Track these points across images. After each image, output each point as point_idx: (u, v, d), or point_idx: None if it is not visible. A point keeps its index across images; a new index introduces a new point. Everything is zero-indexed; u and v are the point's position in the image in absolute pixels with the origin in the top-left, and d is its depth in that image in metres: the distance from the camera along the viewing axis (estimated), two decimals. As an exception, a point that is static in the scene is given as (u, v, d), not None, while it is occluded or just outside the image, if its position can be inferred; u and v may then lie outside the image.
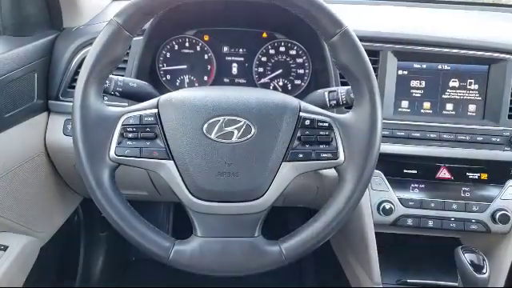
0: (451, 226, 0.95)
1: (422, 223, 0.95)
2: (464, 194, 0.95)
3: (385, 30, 0.94)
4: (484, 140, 0.92)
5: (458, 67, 0.94)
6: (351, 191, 0.65)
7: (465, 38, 0.93)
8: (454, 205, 0.94)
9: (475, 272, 0.79)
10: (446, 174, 0.95)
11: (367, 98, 0.66)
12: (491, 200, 0.94)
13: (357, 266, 1.08)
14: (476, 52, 0.93)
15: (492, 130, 0.92)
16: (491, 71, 0.93)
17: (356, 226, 0.98)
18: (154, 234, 0.65)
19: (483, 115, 0.94)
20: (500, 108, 0.92)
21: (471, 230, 0.95)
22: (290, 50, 1.00)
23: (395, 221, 0.95)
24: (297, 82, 1.01)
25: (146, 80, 0.85)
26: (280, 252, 0.65)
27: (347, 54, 0.65)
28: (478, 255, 0.82)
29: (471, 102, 0.94)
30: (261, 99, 0.67)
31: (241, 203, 0.65)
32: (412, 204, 0.94)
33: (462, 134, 0.92)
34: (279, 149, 0.65)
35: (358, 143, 0.66)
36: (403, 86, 0.94)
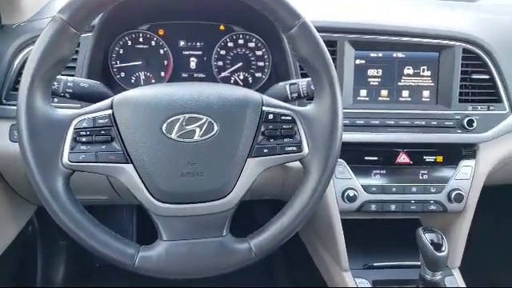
0: (412, 208, 0.99)
1: (385, 207, 0.98)
2: (422, 177, 0.99)
3: (341, 20, 0.95)
4: (438, 124, 0.96)
5: (412, 55, 0.97)
6: (316, 182, 0.65)
7: (417, 26, 0.97)
8: (413, 188, 0.98)
9: (435, 251, 0.83)
10: (405, 159, 0.98)
11: (327, 89, 0.66)
12: (447, 181, 0.99)
13: (325, 253, 1.10)
14: (427, 40, 0.96)
15: (445, 114, 0.96)
16: (441, 58, 0.97)
17: (322, 215, 1.00)
18: (117, 242, 0.63)
19: (436, 100, 0.98)
20: (451, 93, 0.96)
21: (430, 210, 0.99)
22: (248, 42, 0.99)
23: (359, 207, 0.97)
24: (258, 75, 1.00)
25: (98, 79, 0.81)
26: (249, 249, 0.65)
27: (306, 46, 0.65)
28: (437, 234, 0.86)
29: (425, 88, 0.97)
30: (222, 95, 0.65)
31: (207, 203, 0.64)
32: (374, 190, 0.97)
33: (418, 119, 0.96)
34: (244, 145, 0.64)
35: (321, 135, 0.66)
36: (361, 75, 0.96)
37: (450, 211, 1.00)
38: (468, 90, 0.97)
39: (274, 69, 1.00)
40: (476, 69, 0.97)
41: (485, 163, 1.00)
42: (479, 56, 0.96)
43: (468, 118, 0.95)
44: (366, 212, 0.98)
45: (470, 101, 0.97)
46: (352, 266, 1.00)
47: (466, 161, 0.99)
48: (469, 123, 0.95)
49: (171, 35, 0.97)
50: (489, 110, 0.97)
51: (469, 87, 0.97)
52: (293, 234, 0.66)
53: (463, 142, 0.97)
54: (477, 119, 0.95)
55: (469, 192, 0.99)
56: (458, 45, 0.96)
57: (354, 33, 0.94)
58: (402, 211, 0.99)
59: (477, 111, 0.97)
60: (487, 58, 0.97)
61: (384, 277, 0.99)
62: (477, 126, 0.95)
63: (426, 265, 0.86)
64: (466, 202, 0.99)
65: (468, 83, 0.97)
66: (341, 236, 1.00)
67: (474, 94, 0.97)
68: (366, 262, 1.02)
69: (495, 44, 0.97)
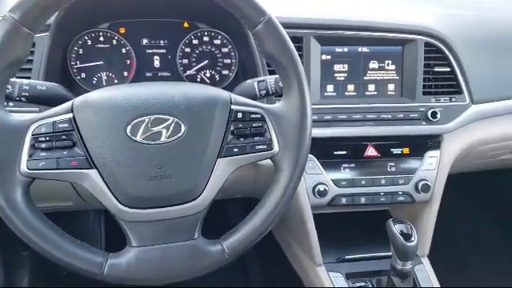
0: (381, 200, 1.01)
1: (355, 200, 0.99)
2: (390, 169, 1.01)
3: (307, 16, 0.95)
4: (404, 117, 0.98)
5: (376, 49, 0.98)
6: (288, 180, 0.65)
7: (381, 21, 0.98)
8: (382, 180, 1.00)
9: (405, 241, 0.85)
10: (373, 152, 0.99)
11: (295, 86, 0.66)
12: (413, 172, 1.01)
13: (298, 249, 1.10)
14: (391, 34, 0.98)
15: (410, 107, 0.98)
16: (405, 52, 0.99)
17: (294, 211, 1.00)
18: (83, 251, 0.60)
19: (401, 93, 1.00)
20: (415, 86, 0.98)
21: (399, 201, 1.01)
22: (214, 39, 0.97)
23: (330, 201, 0.98)
24: (224, 73, 0.99)
25: (57, 81, 0.77)
26: (222, 250, 0.64)
27: (272, 43, 0.65)
28: (407, 225, 0.88)
29: (390, 81, 0.99)
30: (189, 94, 0.64)
31: (177, 206, 0.62)
32: (344, 183, 0.98)
33: (384, 112, 0.97)
34: (213, 145, 0.63)
35: (291, 132, 0.66)
36: (327, 70, 0.96)
37: (418, 201, 1.02)
38: (431, 83, 0.99)
39: (241, 66, 0.99)
40: (438, 62, 0.99)
41: (449, 153, 1.03)
42: (440, 49, 0.99)
43: (432, 109, 0.97)
44: (337, 206, 0.99)
45: (433, 93, 1.00)
46: (325, 260, 1.01)
47: (431, 152, 1.01)
48: (433, 115, 0.97)
49: (133, 33, 0.94)
50: (451, 102, 1.00)
51: (432, 80, 0.99)
52: (266, 233, 0.66)
53: (428, 133, 1.00)
54: (440, 111, 0.97)
55: (435, 182, 1.02)
56: (420, 39, 0.98)
57: (319, 28, 0.94)
58: (371, 203, 1.01)
59: (440, 103, 0.99)
60: (448, 51, 0.99)
61: (357, 269, 1.00)
62: (440, 118, 0.98)
63: (396, 255, 0.88)
64: (433, 192, 1.02)
65: (431, 76, 0.99)
66: (313, 231, 1.00)
67: (437, 86, 1.00)
68: (338, 256, 1.03)
69: (455, 38, 1.00)
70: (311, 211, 0.99)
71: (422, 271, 1.01)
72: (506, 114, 1.08)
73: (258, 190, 1.06)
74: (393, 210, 1.15)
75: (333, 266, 1.01)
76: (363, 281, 0.99)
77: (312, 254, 1.01)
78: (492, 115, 1.06)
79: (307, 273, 1.04)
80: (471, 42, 1.04)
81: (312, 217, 0.99)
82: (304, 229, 1.01)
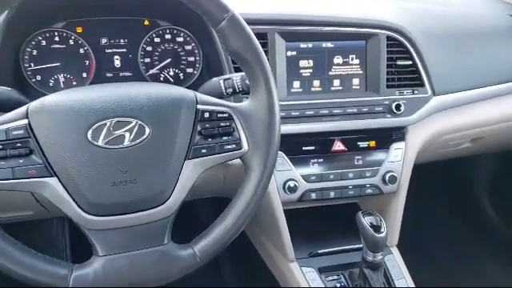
0: (350, 194, 1.02)
1: (325, 195, 1.00)
2: (357, 162, 1.02)
3: (270, 12, 0.94)
4: (369, 110, 0.99)
5: (340, 44, 0.98)
6: (258, 179, 0.65)
7: (343, 16, 0.99)
8: (350, 173, 1.01)
9: (375, 233, 0.86)
10: (341, 146, 1.00)
11: (262, 84, 0.65)
12: (380, 164, 1.03)
13: (270, 246, 1.10)
14: (354, 29, 0.98)
15: (374, 101, 1.00)
16: (368, 46, 1.00)
17: (265, 208, 1.00)
18: (46, 263, 0.57)
19: (366, 87, 1.01)
20: (379, 79, 0.99)
21: (367, 194, 1.03)
22: (176, 37, 0.95)
23: (301, 197, 0.98)
24: (189, 71, 0.96)
25: (9, 85, 0.73)
26: (194, 254, 0.63)
27: (237, 40, 0.64)
28: (376, 217, 0.89)
29: (354, 76, 1.00)
30: (152, 95, 0.62)
31: (144, 212, 0.60)
32: (314, 178, 0.99)
33: (350, 107, 0.98)
34: (179, 147, 0.61)
35: (260, 130, 0.65)
36: (293, 66, 0.96)
37: (386, 193, 1.04)
38: (394, 76, 1.01)
39: (205, 64, 0.97)
40: (400, 55, 1.01)
41: (413, 144, 1.05)
42: (402, 43, 1.01)
43: (395, 102, 0.99)
44: (307, 201, 1.00)
45: (397, 86, 1.01)
46: (298, 256, 1.02)
47: (396, 143, 1.03)
48: (397, 107, 0.99)
49: (91, 33, 0.90)
50: (414, 94, 1.02)
51: (395, 73, 1.01)
52: (238, 233, 0.65)
53: (393, 125, 1.01)
54: (404, 103, 0.99)
55: (401, 173, 1.04)
56: (382, 33, 0.99)
57: (283, 24, 0.94)
58: (340, 197, 1.02)
59: (403, 96, 1.01)
60: (409, 45, 1.01)
61: (329, 263, 1.01)
62: (404, 110, 1.00)
63: (367, 247, 0.89)
64: (399, 183, 1.04)
65: (394, 69, 1.01)
66: (284, 227, 1.00)
67: (400, 79, 1.02)
68: (311, 250, 1.04)
69: (416, 32, 1.03)
70: (282, 207, 0.99)
71: (392, 261, 1.03)
72: (466, 105, 1.12)
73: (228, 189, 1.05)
74: (361, 202, 1.17)
75: (305, 261, 1.01)
76: (336, 274, 1.00)
77: (284, 250, 1.01)
78: (453, 106, 1.09)
79: (280, 269, 1.04)
80: (431, 36, 1.07)
81: (283, 213, 0.99)
82: (275, 225, 1.01)
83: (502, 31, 1.23)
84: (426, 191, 1.72)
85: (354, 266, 0.99)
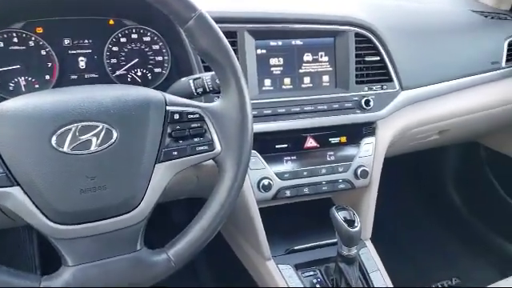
0: (323, 189, 1.03)
1: (299, 192, 1.01)
2: (330, 158, 1.03)
3: (239, 10, 0.94)
4: (339, 107, 1.00)
5: (309, 41, 0.99)
6: (232, 180, 0.64)
7: (312, 13, 0.99)
8: (323, 169, 1.02)
9: (349, 227, 0.88)
10: (313, 143, 1.01)
11: (233, 83, 0.64)
12: (352, 159, 1.04)
13: (246, 244, 1.10)
14: (322, 26, 0.99)
15: (344, 97, 1.01)
16: (337, 43, 1.01)
17: (240, 207, 0.99)
18: (11, 277, 0.55)
19: (335, 84, 1.02)
20: (348, 76, 1.00)
21: (340, 189, 1.04)
22: (143, 36, 0.92)
23: (275, 194, 0.99)
24: (157, 71, 0.94)
25: None
26: (168, 259, 0.62)
27: (206, 39, 0.62)
28: (349, 211, 0.91)
29: (324, 73, 1.01)
30: (119, 97, 0.60)
31: (115, 218, 0.58)
32: (288, 176, 0.99)
33: (321, 104, 0.99)
34: (149, 150, 0.59)
35: (232, 130, 0.65)
36: (263, 64, 0.95)
37: (358, 187, 1.06)
38: (363, 72, 1.03)
39: (174, 63, 0.95)
40: (368, 52, 1.02)
41: (383, 138, 1.07)
42: (370, 40, 1.02)
43: (365, 98, 1.00)
44: (282, 198, 1.00)
45: (366, 82, 1.03)
46: (274, 254, 1.02)
47: (367, 138, 1.05)
48: (366, 103, 1.00)
49: (52, 33, 0.86)
50: (382, 90, 1.04)
51: (363, 69, 1.03)
52: (213, 236, 0.64)
53: (363, 121, 1.03)
54: (373, 99, 1.01)
55: (372, 167, 1.06)
56: (350, 30, 1.00)
57: (252, 22, 0.93)
58: (314, 193, 1.03)
59: (372, 91, 1.03)
60: (377, 41, 1.03)
61: (305, 259, 1.02)
62: (373, 105, 1.01)
63: (341, 241, 0.90)
64: (371, 177, 1.06)
65: (362, 66, 1.02)
66: (260, 226, 1.00)
67: (369, 75, 1.03)
68: (287, 247, 1.04)
69: (383, 28, 1.04)
70: (257, 206, 0.98)
71: (367, 254, 1.05)
72: (433, 98, 1.15)
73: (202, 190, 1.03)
74: (335, 197, 1.18)
75: (282, 258, 1.02)
76: (312, 270, 1.00)
77: (260, 248, 1.01)
78: (420, 100, 1.12)
79: (257, 268, 1.04)
80: (398, 32, 1.09)
81: (258, 211, 0.99)
82: (251, 224, 1.00)
83: (464, 26, 1.27)
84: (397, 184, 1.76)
85: (330, 261, 1.00)
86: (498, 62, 1.27)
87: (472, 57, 1.23)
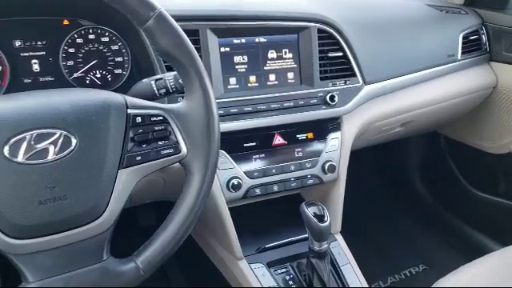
0: (292, 186, 1.03)
1: (269, 189, 1.01)
2: (298, 155, 1.03)
3: (200, 8, 0.91)
4: (305, 103, 1.00)
5: (273, 38, 0.98)
6: (200, 183, 0.62)
7: (274, 10, 0.98)
8: (291, 166, 1.02)
9: (319, 222, 0.88)
10: (281, 140, 1.01)
11: (197, 83, 0.63)
12: (319, 154, 1.05)
13: (217, 245, 1.09)
14: (285, 22, 0.99)
15: (309, 93, 1.01)
16: (300, 39, 1.01)
17: (209, 209, 0.98)
18: None
19: (300, 81, 1.02)
20: (312, 72, 1.01)
21: (308, 184, 1.05)
22: (101, 36, 0.88)
23: (245, 194, 0.98)
24: (117, 72, 0.91)
25: None
26: (136, 268, 0.60)
27: (166, 39, 0.60)
28: (319, 206, 0.91)
29: (289, 70, 1.01)
30: (76, 102, 0.57)
31: (78, 229, 0.56)
32: (257, 174, 0.99)
33: (287, 101, 0.98)
34: (112, 156, 0.57)
35: (198, 131, 0.63)
36: (228, 62, 0.94)
37: (326, 181, 1.07)
38: (327, 68, 1.03)
39: (135, 63, 0.92)
40: (331, 47, 1.03)
41: (349, 133, 1.09)
42: (332, 35, 1.03)
43: (330, 94, 1.01)
44: (252, 197, 0.99)
45: (330, 78, 1.03)
46: (246, 253, 1.01)
47: (333, 133, 1.06)
48: (331, 99, 1.01)
49: (1, 35, 0.81)
50: (346, 85, 1.05)
51: (327, 65, 1.03)
52: (182, 241, 0.63)
53: (328, 116, 1.04)
54: (337, 94, 1.02)
55: (339, 161, 1.07)
56: (313, 26, 1.00)
57: (215, 20, 0.91)
58: (284, 190, 1.03)
59: (336, 87, 1.04)
60: (339, 36, 1.04)
61: (277, 256, 1.02)
62: (338, 101, 1.02)
63: (312, 237, 0.91)
64: (338, 171, 1.08)
65: (326, 61, 1.03)
66: (230, 226, 0.99)
67: (332, 71, 1.04)
68: (258, 246, 1.04)
69: (345, 24, 1.05)
70: (227, 206, 0.97)
71: (337, 248, 1.06)
72: (394, 92, 1.17)
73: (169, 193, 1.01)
74: (304, 192, 1.19)
75: (253, 257, 1.01)
76: (284, 267, 1.01)
77: (232, 248, 1.00)
78: (382, 94, 1.14)
79: (229, 268, 1.03)
80: (359, 27, 1.11)
81: (228, 212, 0.98)
82: (221, 225, 0.99)
83: (422, 20, 1.31)
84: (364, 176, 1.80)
85: (302, 257, 1.01)
86: (454, 55, 1.32)
87: (430, 50, 1.27)
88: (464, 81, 1.35)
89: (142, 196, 1.01)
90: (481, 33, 1.39)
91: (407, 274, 1.56)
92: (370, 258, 1.22)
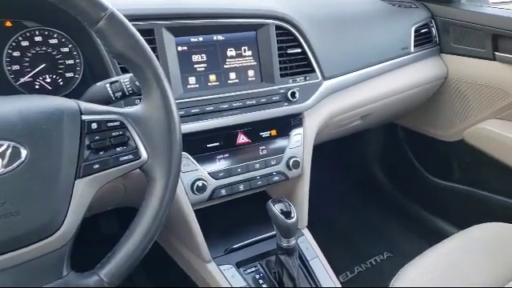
0: (258, 184, 1.03)
1: (234, 189, 1.00)
2: (262, 152, 1.03)
3: (154, 6, 0.88)
4: (266, 101, 1.00)
5: (231, 36, 0.97)
6: (163, 189, 0.60)
7: (231, 7, 0.97)
8: (256, 164, 1.01)
9: (286, 219, 0.88)
10: (244, 139, 1.00)
11: (154, 84, 0.60)
12: (283, 151, 1.05)
13: (184, 249, 1.06)
14: (242, 20, 0.97)
15: (271, 90, 1.01)
16: (258, 37, 1.00)
17: (174, 213, 0.95)
18: None
19: (261, 78, 1.01)
20: (272, 69, 1.00)
21: (274, 181, 1.05)
22: (49, 38, 0.83)
23: (211, 195, 0.96)
24: (69, 75, 0.86)
25: None
26: (100, 281, 0.57)
27: (120, 40, 0.58)
28: (285, 203, 0.92)
29: (249, 67, 1.00)
30: (25, 110, 0.53)
31: (33, 245, 0.52)
32: (222, 175, 0.97)
33: (248, 99, 0.98)
34: (66, 166, 0.54)
35: (158, 135, 0.61)
36: (186, 62, 0.92)
37: (291, 178, 1.07)
38: (286, 65, 1.03)
39: (87, 66, 0.87)
40: (290, 44, 1.03)
41: (311, 128, 1.10)
42: (290, 32, 1.03)
43: (291, 90, 1.01)
44: (218, 198, 0.98)
45: (290, 74, 1.04)
46: (214, 255, 1.00)
47: (295, 129, 1.07)
48: (292, 95, 1.01)
49: None
50: (306, 81, 1.06)
51: (287, 62, 1.03)
52: (147, 249, 0.60)
53: (290, 113, 1.04)
54: (298, 90, 1.02)
55: (303, 157, 1.08)
56: (270, 22, 1.00)
57: (170, 19, 0.88)
58: (250, 189, 1.02)
59: (297, 83, 1.04)
60: (297, 33, 1.04)
61: (246, 255, 1.01)
62: (299, 97, 1.02)
63: (280, 233, 0.91)
64: (303, 166, 1.08)
65: (285, 58, 1.03)
66: (197, 228, 0.97)
67: (292, 67, 1.04)
68: (226, 247, 1.02)
69: (302, 20, 1.05)
70: (192, 209, 0.95)
71: (305, 242, 1.07)
72: (353, 86, 1.20)
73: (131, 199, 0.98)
74: (269, 189, 1.19)
75: (222, 258, 1.00)
76: (253, 266, 1.00)
77: (199, 251, 0.98)
78: (342, 88, 1.16)
79: (197, 272, 1.01)
80: (316, 23, 1.12)
81: (194, 214, 0.96)
82: (187, 228, 0.97)
83: (376, 15, 1.34)
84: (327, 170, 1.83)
85: (270, 254, 1.01)
86: (408, 48, 1.36)
87: (385, 44, 1.30)
88: (417, 73, 1.40)
89: (102, 204, 0.97)
90: (431, 26, 1.45)
91: (373, 263, 1.60)
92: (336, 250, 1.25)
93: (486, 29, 1.33)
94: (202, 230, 0.98)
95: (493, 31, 1.31)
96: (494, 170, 1.42)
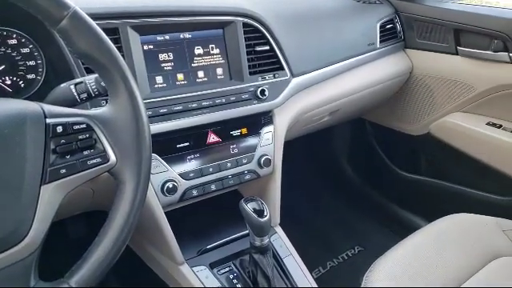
0: (230, 183, 1.02)
1: (206, 189, 0.99)
2: (233, 151, 1.02)
3: (118, 5, 0.86)
4: (236, 99, 0.99)
5: (198, 34, 0.95)
6: (133, 193, 0.59)
7: (197, 4, 0.95)
8: (228, 163, 1.01)
9: (259, 217, 0.88)
10: (215, 138, 0.99)
11: (121, 84, 0.59)
12: (254, 149, 1.05)
13: (156, 252, 1.05)
14: (209, 17, 0.96)
15: (240, 89, 1.00)
16: (226, 34, 0.99)
17: (145, 216, 0.93)
18: None
19: (230, 76, 1.00)
20: (241, 67, 1.00)
21: (246, 180, 1.04)
22: (7, 39, 0.79)
23: (182, 196, 0.95)
24: (30, 77, 0.82)
25: None
26: None
27: (83, 40, 0.56)
28: (258, 202, 0.91)
29: (218, 66, 0.99)
30: None
31: None
32: (193, 175, 0.96)
33: (218, 97, 0.96)
34: (31, 172, 0.52)
35: (126, 136, 0.59)
36: (152, 61, 0.90)
37: (263, 176, 1.07)
38: (255, 63, 1.02)
39: (50, 67, 0.84)
40: (258, 41, 1.03)
41: (281, 125, 1.10)
42: (258, 29, 1.02)
43: (260, 88, 1.01)
44: (189, 199, 0.97)
45: (259, 72, 1.03)
46: (187, 257, 0.98)
47: (266, 127, 1.07)
48: (261, 93, 1.01)
49: None
50: (275, 78, 1.06)
51: (255, 59, 1.02)
52: (118, 255, 0.59)
53: (260, 111, 1.04)
54: (267, 88, 1.02)
55: (274, 154, 1.08)
56: (237, 20, 0.99)
57: (135, 17, 0.86)
58: (222, 188, 1.02)
59: (266, 81, 1.04)
60: (265, 30, 1.03)
61: (219, 256, 1.01)
62: (269, 95, 1.02)
63: (253, 232, 0.90)
64: (274, 164, 1.08)
65: (254, 56, 1.02)
66: (168, 230, 0.96)
67: (261, 65, 1.04)
68: (199, 248, 1.01)
69: (270, 17, 1.05)
70: (163, 211, 0.94)
71: (278, 240, 1.07)
72: (321, 82, 1.21)
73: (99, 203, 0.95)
74: (241, 188, 1.18)
75: (195, 260, 0.99)
76: (227, 266, 1.00)
77: (172, 253, 0.97)
78: (310, 85, 1.17)
79: (170, 274, 0.99)
80: (283, 20, 1.12)
81: (165, 216, 0.94)
82: (158, 230, 0.95)
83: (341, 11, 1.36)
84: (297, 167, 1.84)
85: (244, 254, 1.01)
86: (374, 44, 1.39)
87: (351, 40, 1.32)
88: (383, 68, 1.43)
89: (69, 209, 0.94)
90: (395, 21, 1.48)
91: (344, 257, 1.63)
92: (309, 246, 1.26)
93: (447, 24, 1.37)
94: (174, 232, 0.96)
95: (454, 26, 1.35)
96: (460, 162, 1.47)
